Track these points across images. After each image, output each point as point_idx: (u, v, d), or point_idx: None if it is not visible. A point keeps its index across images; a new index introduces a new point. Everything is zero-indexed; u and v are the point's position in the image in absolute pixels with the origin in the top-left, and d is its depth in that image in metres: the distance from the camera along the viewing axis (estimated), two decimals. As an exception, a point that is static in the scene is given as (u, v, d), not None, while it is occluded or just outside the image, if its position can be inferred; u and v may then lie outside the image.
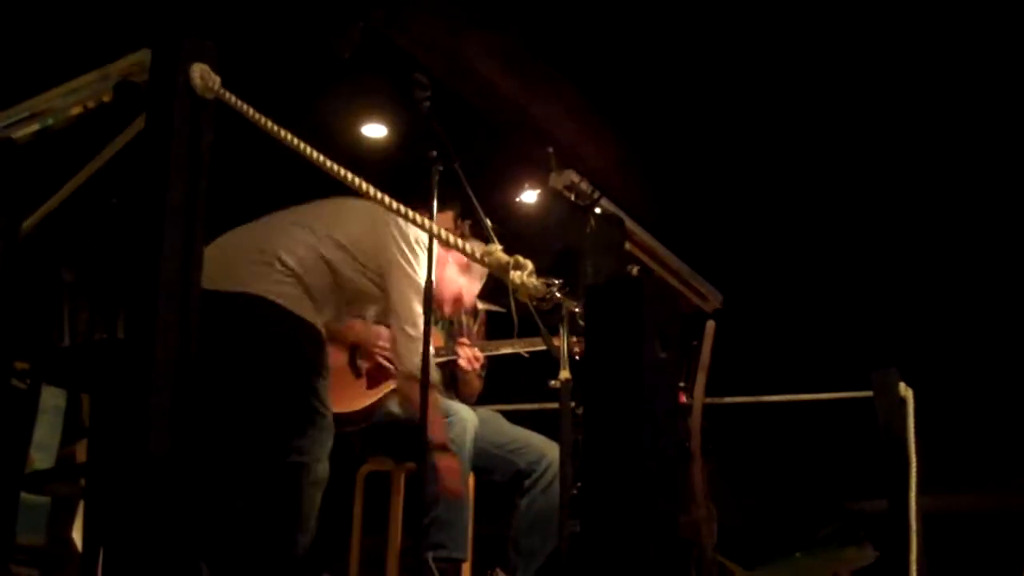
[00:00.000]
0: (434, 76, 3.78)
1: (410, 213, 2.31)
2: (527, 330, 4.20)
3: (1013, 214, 6.82)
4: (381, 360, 4.15)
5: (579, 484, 2.63)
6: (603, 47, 5.84)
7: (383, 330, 4.21)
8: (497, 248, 2.26)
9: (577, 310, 3.27)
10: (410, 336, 3.56)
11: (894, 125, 6.41)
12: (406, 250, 3.59)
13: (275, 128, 2.44)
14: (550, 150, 4.12)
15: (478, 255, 2.24)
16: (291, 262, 3.50)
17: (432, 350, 3.55)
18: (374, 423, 4.16)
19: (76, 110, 3.26)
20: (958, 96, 6.07)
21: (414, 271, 3.59)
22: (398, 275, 3.59)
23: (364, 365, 4.21)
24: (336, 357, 4.22)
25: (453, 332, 4.45)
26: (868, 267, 7.37)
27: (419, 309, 3.53)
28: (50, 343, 3.60)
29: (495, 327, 4.61)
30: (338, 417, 4.07)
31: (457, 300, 4.10)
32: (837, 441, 6.94)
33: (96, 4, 4.78)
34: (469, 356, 4.29)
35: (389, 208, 2.30)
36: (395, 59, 5.21)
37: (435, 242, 3.52)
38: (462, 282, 4.07)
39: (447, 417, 3.90)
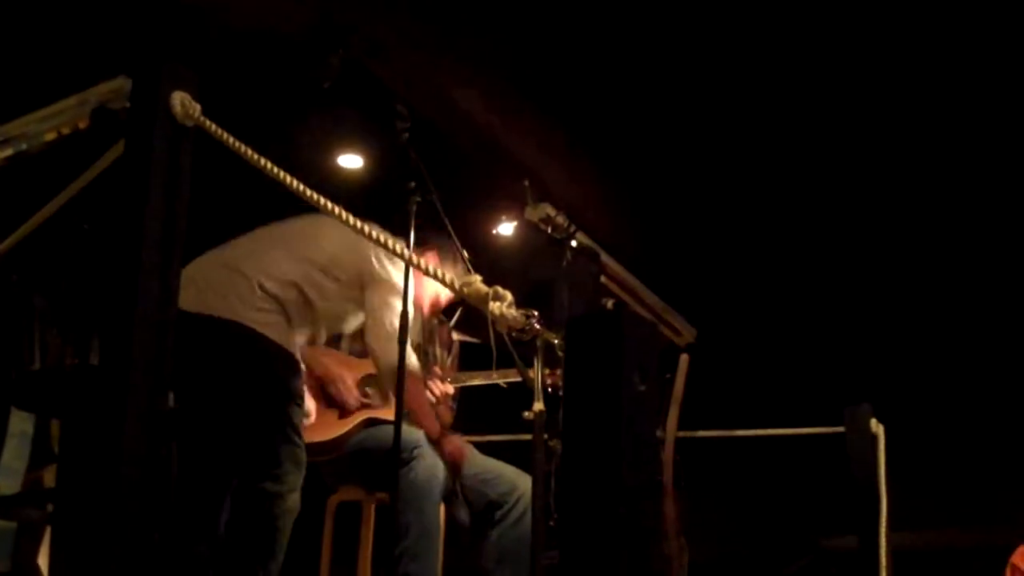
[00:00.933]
0: (412, 107, 3.81)
1: (390, 241, 2.34)
2: (501, 362, 4.21)
3: (989, 251, 6.89)
4: (345, 398, 4.18)
5: (556, 516, 2.64)
6: (580, 81, 5.89)
7: (348, 370, 4.24)
8: (476, 279, 2.28)
9: (556, 342, 3.29)
10: (390, 335, 3.60)
11: (864, 158, 6.46)
12: (384, 259, 3.67)
13: (254, 156, 2.45)
14: (526, 183, 4.15)
15: (457, 285, 2.27)
16: (272, 288, 3.53)
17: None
18: (345, 452, 4.15)
19: (51, 136, 3.27)
20: (925, 129, 6.13)
21: (392, 277, 3.66)
22: (378, 283, 3.65)
23: (335, 394, 4.22)
24: (307, 385, 4.24)
25: (428, 364, 4.45)
26: (841, 303, 7.42)
27: (399, 311, 3.58)
28: (20, 367, 3.59)
29: (470, 358, 4.61)
30: (309, 447, 4.08)
31: (435, 303, 4.19)
32: (809, 477, 6.97)
33: (73, 30, 4.79)
34: (437, 391, 4.29)
35: (368, 237, 2.32)
36: (374, 89, 5.23)
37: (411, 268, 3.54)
38: (436, 284, 4.11)
39: (415, 449, 3.90)
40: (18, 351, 3.60)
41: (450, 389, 4.33)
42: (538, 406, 3.32)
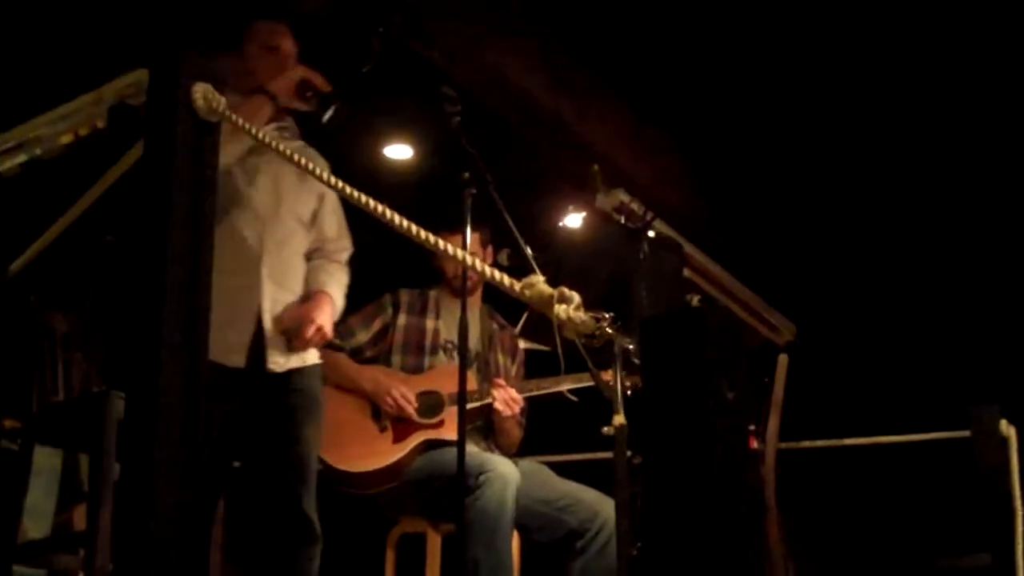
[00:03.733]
0: (464, 89, 3.81)
1: (440, 244, 2.32)
2: (574, 369, 4.19)
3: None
4: (402, 407, 4.22)
5: (639, 544, 2.61)
6: (653, 50, 5.83)
7: (397, 378, 4.30)
8: (539, 279, 2.26)
9: (631, 347, 3.27)
10: (345, 270, 3.68)
11: (995, 146, 6.34)
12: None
13: (286, 150, 2.45)
14: (595, 167, 4.12)
15: (517, 288, 2.24)
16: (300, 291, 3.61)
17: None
18: (403, 481, 4.18)
19: (67, 138, 3.29)
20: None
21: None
22: (335, 202, 3.71)
23: (388, 417, 4.26)
24: (356, 410, 4.28)
25: (488, 373, 4.47)
26: (965, 291, 7.26)
27: None
28: (42, 398, 3.62)
29: (538, 370, 4.61)
30: (363, 476, 4.10)
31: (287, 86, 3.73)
32: (930, 488, 6.85)
33: (86, 18, 4.83)
34: (506, 399, 4.30)
35: (416, 239, 2.31)
36: (420, 72, 5.23)
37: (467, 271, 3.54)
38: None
39: (481, 475, 3.90)
40: (40, 381, 3.63)
41: (518, 398, 4.34)
42: (618, 419, 3.29)
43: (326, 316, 3.56)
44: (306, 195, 3.68)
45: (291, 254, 3.60)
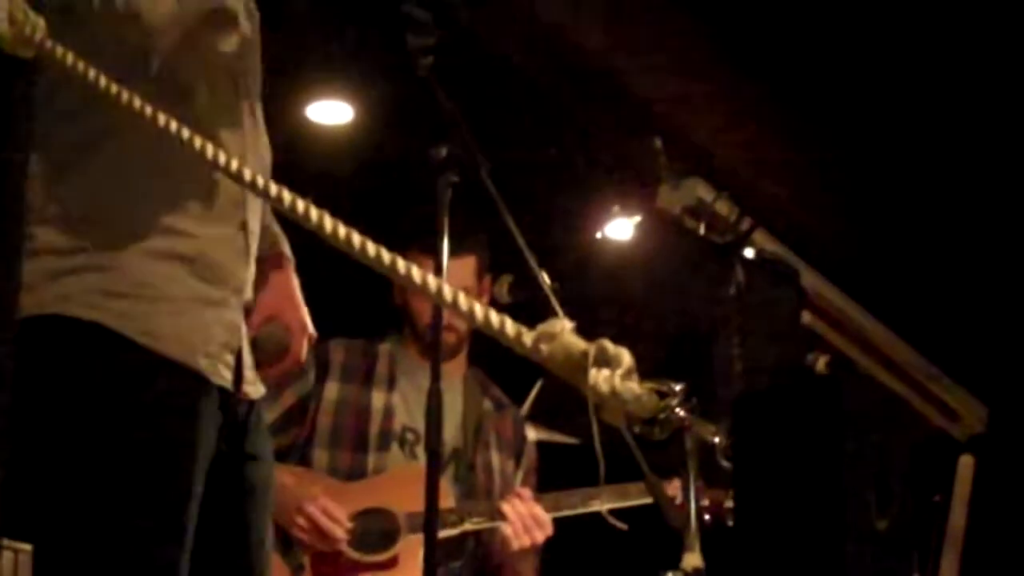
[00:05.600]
0: (444, 15, 3.81)
1: (401, 266, 2.30)
2: (618, 478, 4.18)
3: None
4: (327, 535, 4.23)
5: None
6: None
7: (318, 486, 4.33)
8: (564, 327, 2.24)
9: (716, 441, 3.24)
10: None
11: None
12: None
13: (122, 95, 2.45)
14: (657, 143, 4.13)
15: (528, 341, 2.22)
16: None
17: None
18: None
19: None
20: None
21: None
22: None
23: (304, 550, 4.30)
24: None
25: (473, 483, 4.50)
26: None
27: None
28: None
29: (559, 478, 4.61)
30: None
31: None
32: None
33: None
34: (523, 518, 4.29)
35: (360, 257, 2.29)
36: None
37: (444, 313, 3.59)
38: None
39: None
40: None
41: (544, 520, 4.37)
42: (691, 561, 3.29)
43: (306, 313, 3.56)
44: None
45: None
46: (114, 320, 2.90)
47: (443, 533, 3.96)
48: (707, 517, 3.44)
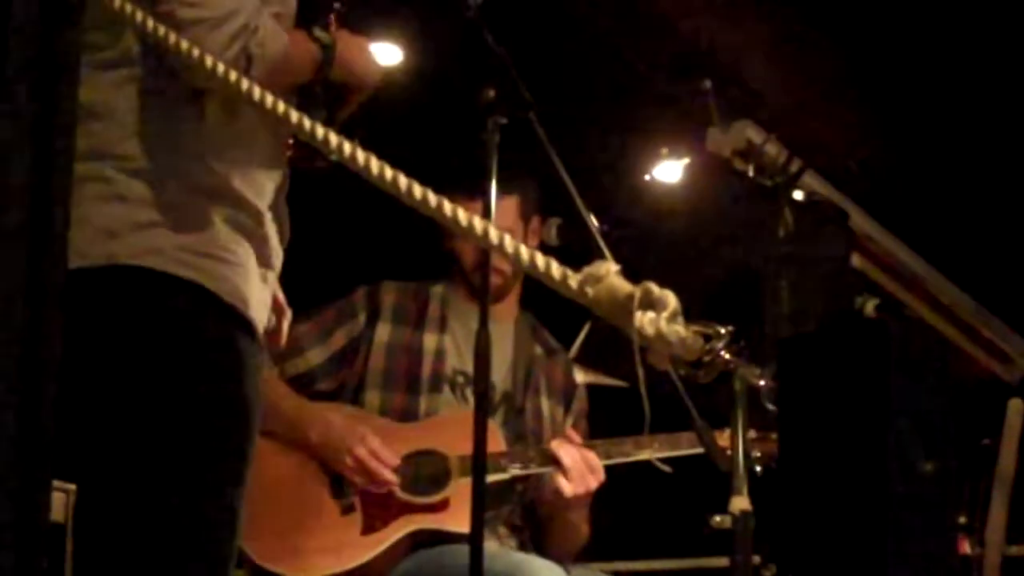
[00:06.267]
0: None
1: (448, 210, 2.30)
2: (666, 424, 4.17)
3: None
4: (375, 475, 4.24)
5: None
6: None
7: (371, 427, 4.31)
8: (610, 269, 2.23)
9: (763, 384, 3.23)
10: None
11: None
12: None
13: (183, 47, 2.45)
14: (707, 83, 4.12)
15: (574, 284, 2.22)
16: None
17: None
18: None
19: None
20: None
21: None
22: None
23: (354, 491, 4.30)
24: (300, 476, 4.32)
25: (522, 426, 4.51)
26: None
27: None
28: None
29: (607, 423, 4.62)
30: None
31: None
32: None
33: None
34: (579, 464, 4.28)
35: (408, 200, 2.29)
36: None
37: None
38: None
39: None
40: None
41: (598, 466, 4.35)
42: (740, 504, 3.28)
43: None
44: None
45: None
46: (209, 281, 2.93)
47: (492, 477, 3.96)
48: (759, 469, 3.43)
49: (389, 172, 2.28)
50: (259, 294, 3.04)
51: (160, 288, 2.92)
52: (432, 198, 2.25)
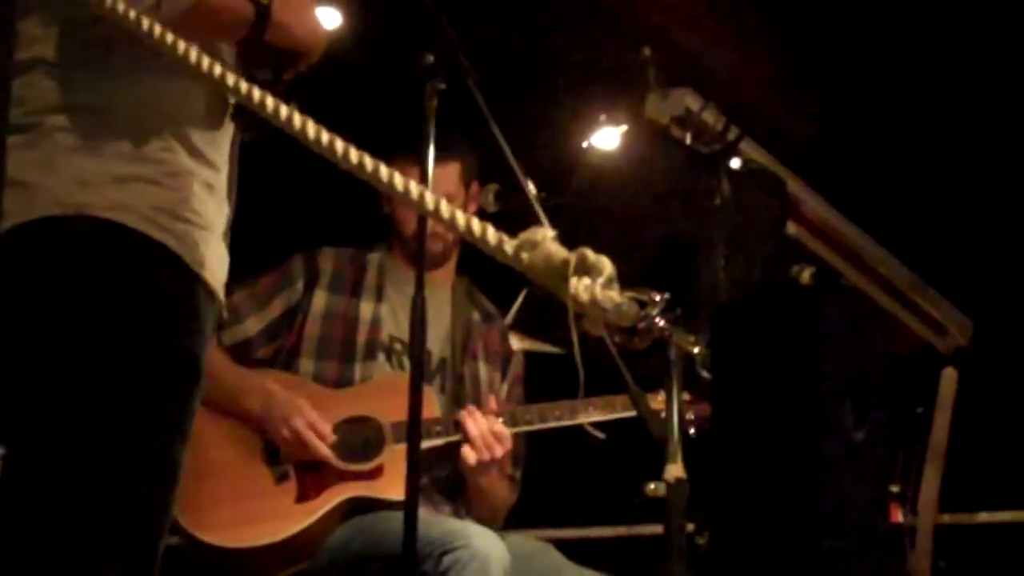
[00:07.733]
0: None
1: (385, 174, 2.30)
2: (603, 385, 4.18)
3: None
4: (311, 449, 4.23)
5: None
6: None
7: (305, 394, 4.31)
8: (546, 235, 2.24)
9: (697, 351, 3.24)
10: None
11: None
12: None
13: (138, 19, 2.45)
14: (646, 51, 4.12)
15: (509, 249, 2.23)
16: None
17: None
18: (319, 564, 4.20)
19: None
20: None
21: None
22: None
23: (289, 459, 4.29)
24: (235, 446, 4.30)
25: (460, 393, 4.50)
26: None
27: None
28: None
29: (543, 388, 4.63)
30: (248, 555, 4.11)
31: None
32: None
33: None
34: (483, 434, 4.29)
35: (344, 165, 2.29)
36: None
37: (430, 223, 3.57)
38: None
39: (447, 550, 3.90)
40: None
41: (504, 433, 4.35)
42: (673, 471, 3.29)
43: None
44: None
45: None
46: (177, 244, 2.92)
47: (429, 442, 3.97)
48: (692, 431, 3.44)
49: (326, 136, 2.28)
50: (220, 251, 3.05)
51: (126, 244, 2.90)
52: (368, 162, 2.25)
